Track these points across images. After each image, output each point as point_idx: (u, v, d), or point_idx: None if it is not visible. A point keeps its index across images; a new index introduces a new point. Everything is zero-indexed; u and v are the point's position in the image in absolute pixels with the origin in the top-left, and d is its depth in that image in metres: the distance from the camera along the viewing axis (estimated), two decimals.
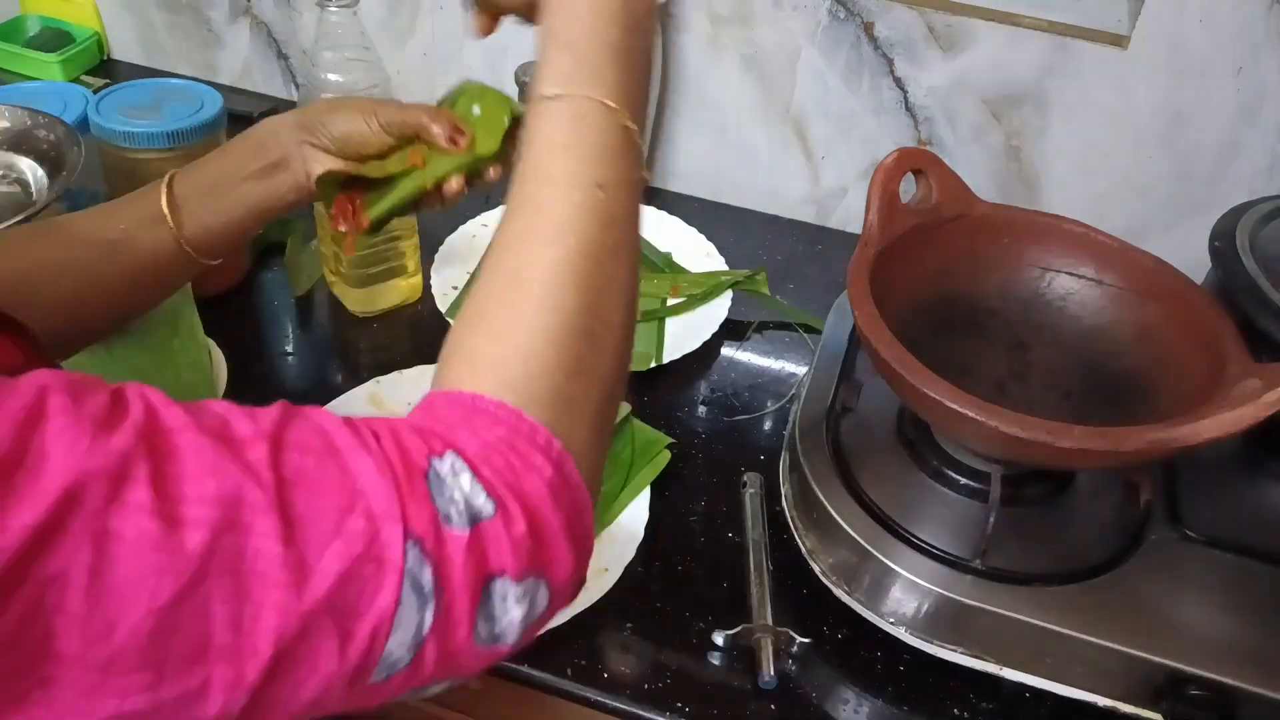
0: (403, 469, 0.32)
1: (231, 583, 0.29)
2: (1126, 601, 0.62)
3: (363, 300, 0.91)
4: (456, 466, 0.33)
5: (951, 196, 0.72)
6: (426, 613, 0.32)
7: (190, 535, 0.28)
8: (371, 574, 0.31)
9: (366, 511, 0.31)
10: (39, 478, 0.27)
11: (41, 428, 0.28)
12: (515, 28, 1.13)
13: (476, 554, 0.32)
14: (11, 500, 0.26)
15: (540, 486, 0.34)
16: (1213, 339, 0.63)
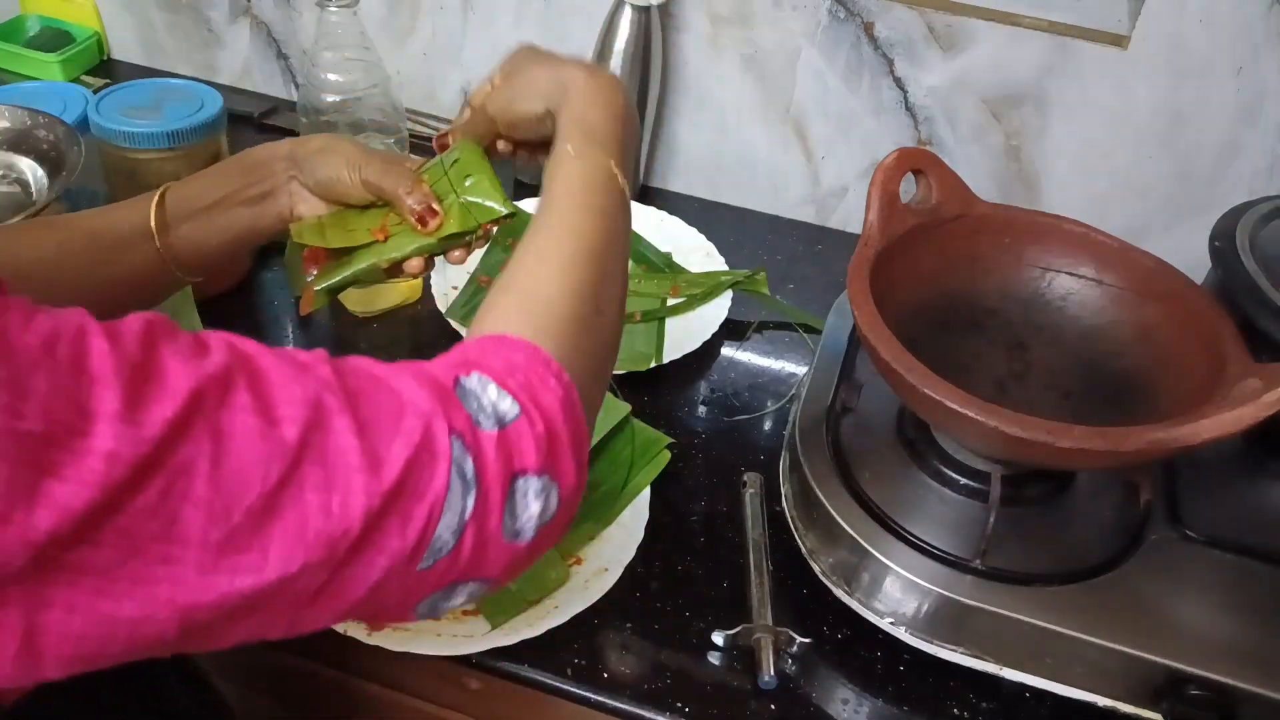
0: (435, 385, 0.38)
1: (322, 471, 0.34)
2: (1126, 601, 0.62)
3: (363, 300, 0.91)
4: (483, 381, 0.39)
5: (951, 196, 0.72)
6: (469, 499, 0.37)
7: (287, 430, 0.34)
8: (427, 462, 0.36)
9: (417, 412, 0.37)
10: (164, 384, 0.32)
11: (157, 349, 0.33)
12: (515, 28, 1.14)
13: (505, 450, 0.38)
14: (150, 398, 0.31)
15: (554, 401, 0.41)
16: (1213, 339, 0.63)
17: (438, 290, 0.94)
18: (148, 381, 0.32)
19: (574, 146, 0.52)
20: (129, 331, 0.33)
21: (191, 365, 0.33)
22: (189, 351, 0.34)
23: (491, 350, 0.41)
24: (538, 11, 1.07)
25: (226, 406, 0.33)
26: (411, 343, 0.91)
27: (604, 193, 0.51)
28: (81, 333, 0.32)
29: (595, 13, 1.02)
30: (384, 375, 0.38)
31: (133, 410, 0.31)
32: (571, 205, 0.50)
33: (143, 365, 0.32)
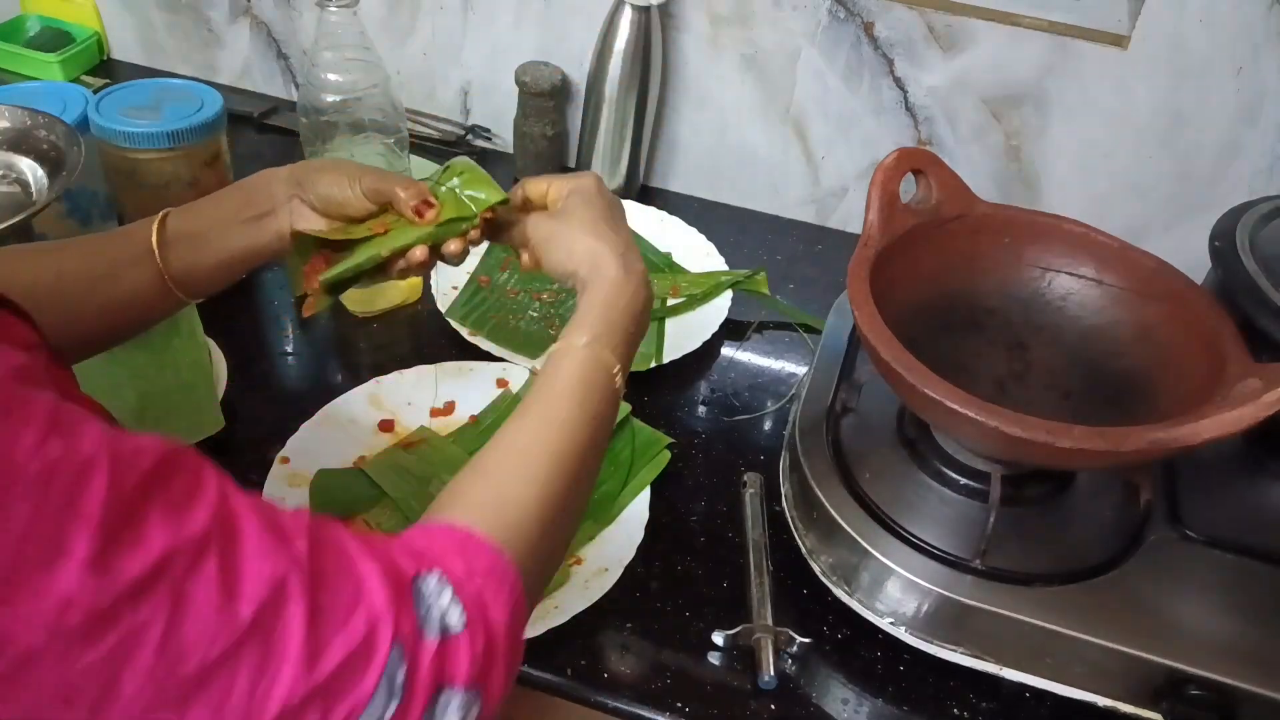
0: (396, 579, 0.39)
1: (260, 656, 0.34)
2: (1126, 601, 0.62)
3: (363, 300, 0.91)
4: (441, 584, 0.40)
5: (951, 196, 0.72)
6: (391, 706, 0.37)
7: (244, 607, 0.34)
8: (361, 665, 0.36)
9: (369, 609, 0.37)
10: (142, 539, 0.32)
11: (151, 497, 0.33)
12: (515, 28, 1.14)
13: (440, 661, 0.39)
14: (124, 551, 0.32)
15: (503, 614, 0.41)
16: (1213, 339, 0.63)
17: (438, 290, 0.94)
18: (127, 530, 0.32)
19: (586, 340, 0.52)
20: (137, 468, 0.33)
21: (174, 523, 0.33)
22: (178, 503, 0.34)
23: (457, 549, 0.42)
24: (538, 11, 1.07)
25: (194, 574, 0.33)
26: (411, 343, 0.91)
27: (601, 397, 0.51)
28: (87, 470, 0.32)
29: (595, 13, 1.02)
30: (354, 556, 0.38)
31: (104, 558, 0.31)
32: (567, 404, 0.50)
33: (128, 514, 0.32)
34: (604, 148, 1.07)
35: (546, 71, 1.07)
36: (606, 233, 0.57)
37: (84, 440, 0.33)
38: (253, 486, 0.73)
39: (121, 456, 0.33)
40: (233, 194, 0.61)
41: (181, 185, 0.84)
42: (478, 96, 1.16)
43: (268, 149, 1.15)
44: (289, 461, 0.75)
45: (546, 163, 1.12)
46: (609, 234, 0.57)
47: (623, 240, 0.57)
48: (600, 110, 1.04)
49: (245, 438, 0.78)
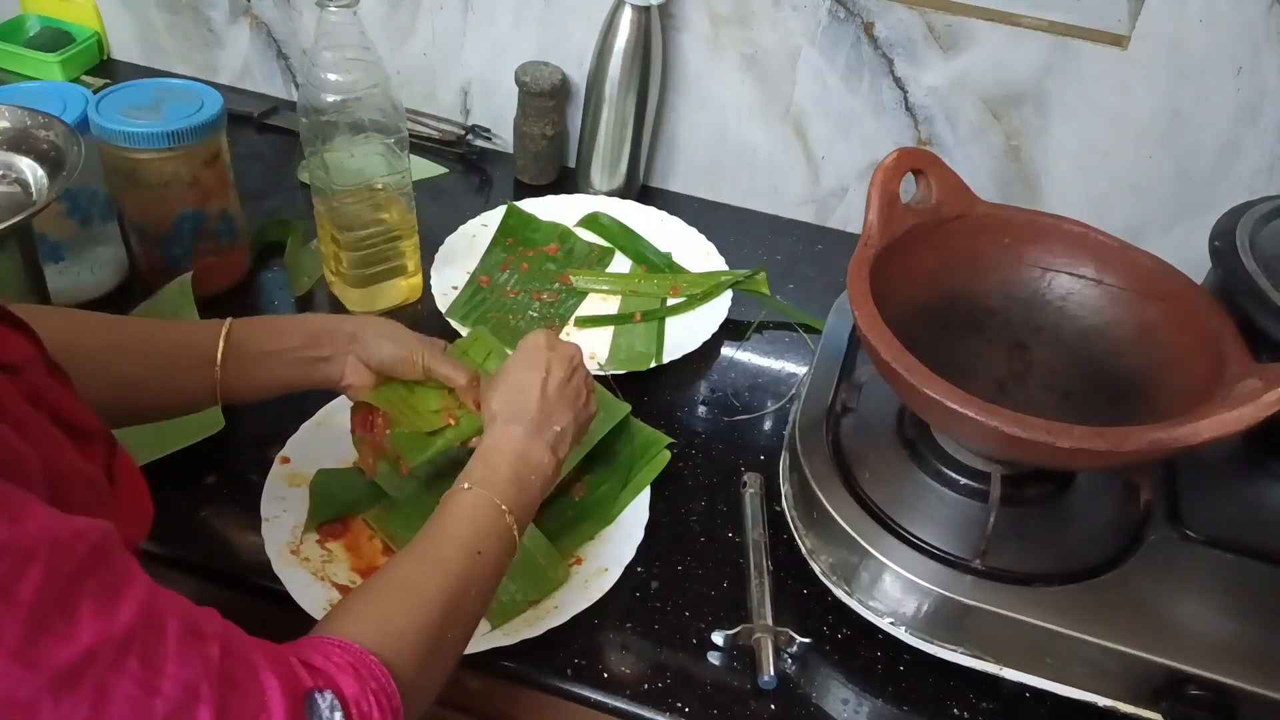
0: (293, 694, 0.41)
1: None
2: (1126, 601, 0.62)
3: (363, 300, 0.91)
4: (333, 704, 0.43)
5: (951, 196, 0.72)
6: None
7: (159, 705, 0.36)
8: None
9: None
10: (69, 635, 0.33)
11: (83, 585, 0.34)
12: (515, 28, 1.14)
13: None
14: (52, 643, 0.33)
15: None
16: (1213, 339, 0.63)
17: (438, 290, 0.94)
18: (59, 620, 0.33)
19: (468, 484, 0.57)
20: (74, 556, 0.34)
21: (103, 616, 0.35)
22: (108, 594, 0.35)
23: (351, 669, 0.45)
24: (538, 11, 1.07)
25: (117, 671, 0.35)
26: None
27: (488, 531, 0.56)
28: (26, 558, 0.33)
29: (595, 13, 1.02)
30: (258, 668, 0.41)
31: (32, 649, 0.32)
32: (450, 542, 0.54)
33: (61, 603, 0.33)
34: (604, 148, 1.07)
35: (546, 71, 1.07)
36: (506, 397, 0.62)
37: (27, 525, 0.33)
38: (252, 486, 0.73)
39: (61, 543, 0.34)
40: (296, 329, 0.66)
41: (181, 185, 0.84)
42: (478, 96, 1.16)
43: (268, 149, 1.15)
44: (289, 461, 0.75)
45: (546, 162, 1.12)
46: (509, 396, 0.62)
47: (522, 402, 0.62)
48: (600, 110, 1.04)
49: (245, 438, 0.78)
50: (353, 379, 0.66)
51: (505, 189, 1.14)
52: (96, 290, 0.90)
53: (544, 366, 0.64)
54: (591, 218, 1.06)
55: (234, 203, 0.90)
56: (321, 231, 0.90)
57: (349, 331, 0.66)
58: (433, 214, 1.04)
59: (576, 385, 0.65)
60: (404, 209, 0.88)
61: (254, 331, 0.64)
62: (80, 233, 0.86)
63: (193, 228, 0.87)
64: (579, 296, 0.97)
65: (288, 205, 1.07)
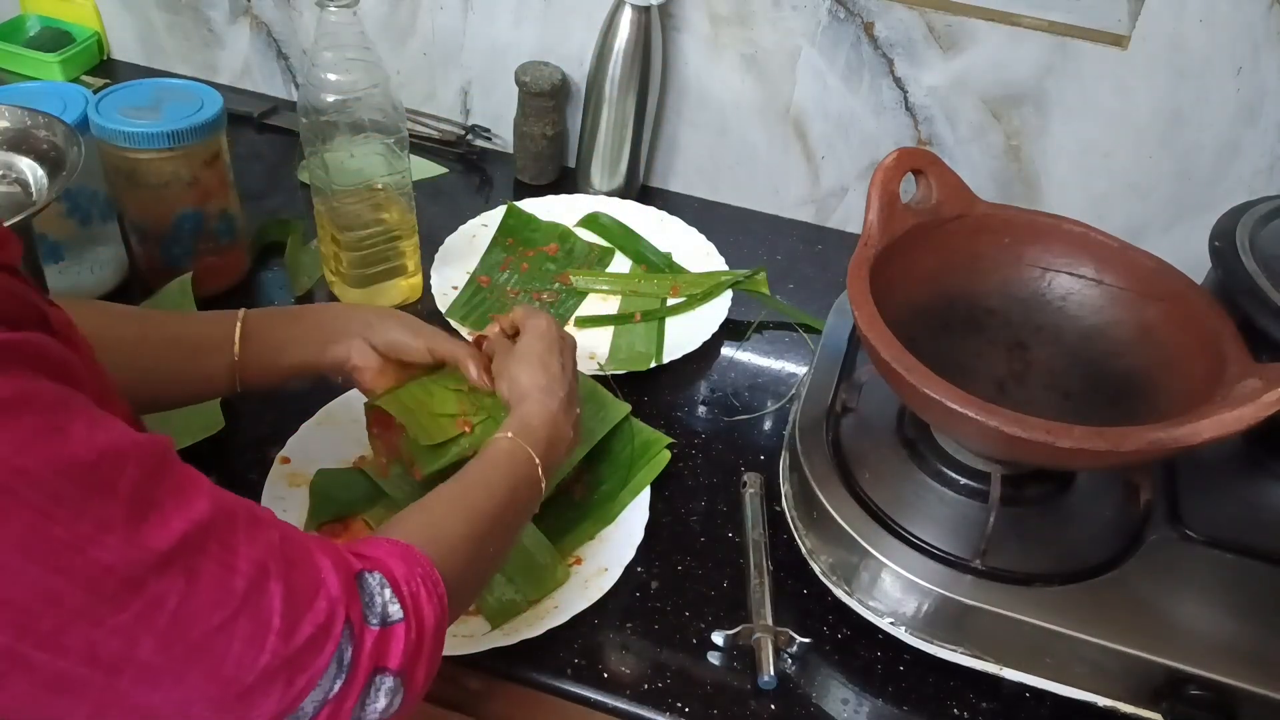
0: (346, 572, 0.45)
1: (252, 626, 0.40)
2: (1126, 601, 0.62)
3: (363, 300, 0.91)
4: (383, 581, 0.46)
5: (951, 196, 0.72)
6: (337, 681, 0.43)
7: (238, 582, 0.40)
8: (321, 642, 0.42)
9: (328, 595, 0.43)
10: (164, 519, 0.38)
11: (161, 482, 0.39)
12: (515, 28, 1.14)
13: (379, 648, 0.45)
14: (151, 531, 0.37)
15: (433, 615, 0.48)
16: (1213, 339, 0.63)
17: (438, 290, 0.94)
18: (153, 512, 0.37)
19: (510, 434, 0.62)
20: (155, 458, 0.39)
21: (183, 509, 0.39)
22: (183, 491, 0.40)
23: (399, 556, 0.49)
24: (538, 11, 1.07)
25: (202, 553, 0.39)
26: None
27: (522, 474, 0.61)
28: (121, 458, 0.37)
29: (595, 13, 1.02)
30: (313, 550, 0.44)
31: (136, 535, 0.36)
32: (493, 473, 0.60)
33: (151, 498, 0.38)
34: (604, 148, 1.07)
35: (546, 71, 1.07)
36: (537, 371, 0.67)
37: (116, 432, 0.38)
38: (253, 486, 0.73)
39: (144, 446, 0.38)
40: (307, 317, 0.71)
41: (181, 185, 0.84)
42: (478, 96, 1.16)
43: (268, 149, 1.15)
44: (289, 461, 0.75)
45: (546, 162, 1.12)
46: (538, 373, 0.67)
47: (550, 378, 0.67)
48: (600, 110, 1.04)
49: (245, 438, 0.78)
50: (358, 360, 0.69)
51: (505, 189, 1.14)
52: (96, 290, 0.90)
53: (560, 349, 0.69)
54: (591, 218, 1.06)
55: (234, 203, 0.90)
56: (321, 231, 0.90)
57: (359, 319, 0.70)
58: (433, 214, 1.04)
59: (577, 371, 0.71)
60: (404, 209, 0.88)
61: (268, 320, 0.68)
62: (80, 233, 0.86)
63: (193, 228, 0.87)
64: (579, 296, 0.97)
65: (288, 205, 1.07)
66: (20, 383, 0.35)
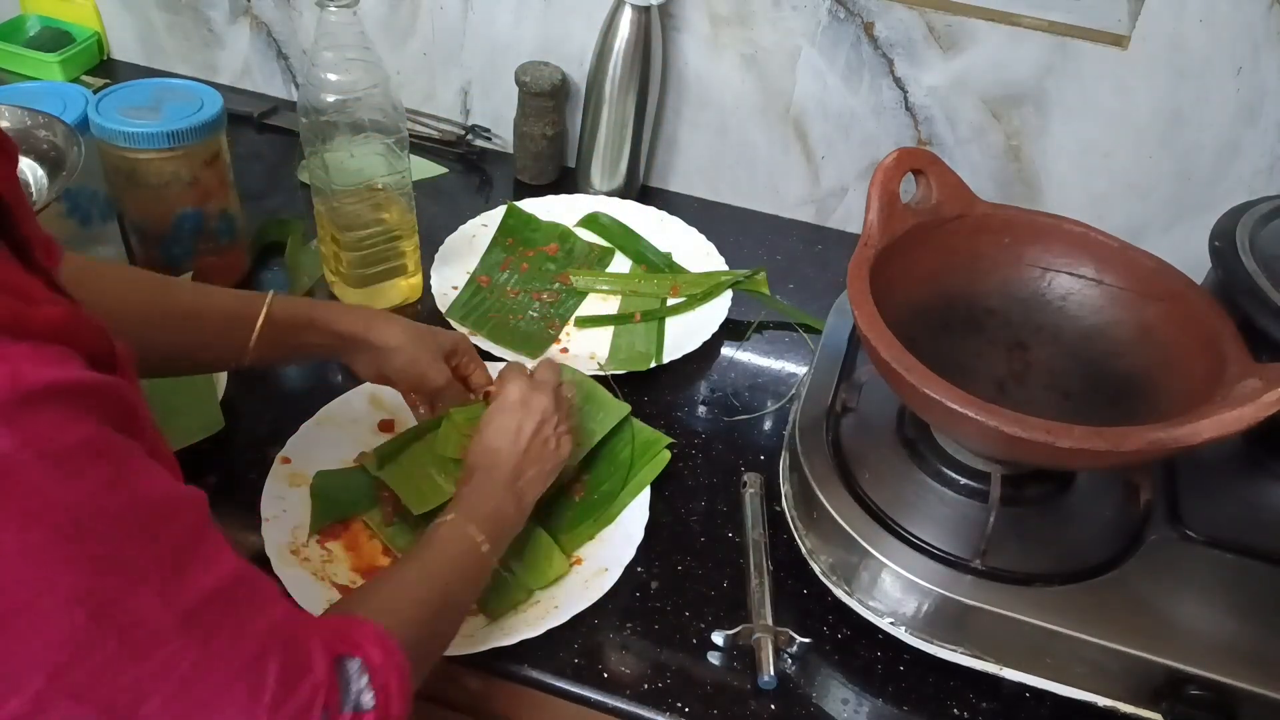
0: (331, 656, 0.46)
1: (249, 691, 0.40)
2: (1126, 601, 0.62)
3: (362, 300, 0.91)
4: (362, 668, 0.47)
5: (951, 196, 0.72)
6: None
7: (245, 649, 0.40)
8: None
9: (314, 679, 0.44)
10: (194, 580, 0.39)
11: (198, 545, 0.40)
12: (515, 28, 1.14)
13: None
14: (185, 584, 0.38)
15: (400, 707, 0.49)
16: (1213, 339, 0.63)
17: (438, 290, 0.94)
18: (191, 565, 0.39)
19: (452, 517, 0.62)
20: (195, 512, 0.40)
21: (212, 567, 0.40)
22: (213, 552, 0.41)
23: (379, 644, 0.49)
24: (538, 11, 1.07)
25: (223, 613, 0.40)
26: None
27: (463, 553, 0.61)
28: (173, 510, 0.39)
29: (595, 13, 1.02)
30: (309, 630, 0.46)
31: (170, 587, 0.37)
32: (442, 559, 0.60)
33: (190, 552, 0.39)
34: (604, 148, 1.07)
35: (546, 71, 1.07)
36: (486, 449, 0.68)
37: (166, 483, 0.39)
38: (252, 486, 0.73)
39: (190, 501, 0.40)
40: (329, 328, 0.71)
41: (181, 185, 0.84)
42: (478, 96, 1.16)
43: (268, 149, 1.15)
44: (289, 461, 0.75)
45: (546, 162, 1.12)
46: (487, 450, 0.67)
47: (497, 453, 0.67)
48: (600, 110, 1.04)
49: (245, 438, 0.78)
50: (364, 373, 0.74)
51: (505, 189, 1.14)
52: None
53: (515, 425, 0.68)
54: (591, 218, 1.06)
55: (234, 203, 0.90)
56: (321, 231, 0.90)
57: (375, 346, 0.71)
58: (433, 214, 1.04)
59: (545, 436, 0.69)
60: (404, 209, 0.88)
61: (291, 318, 0.69)
62: (80, 233, 0.86)
63: (193, 228, 0.87)
64: (579, 296, 0.97)
65: (288, 205, 1.07)
66: (97, 429, 0.36)
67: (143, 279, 0.67)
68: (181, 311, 0.66)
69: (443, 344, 0.74)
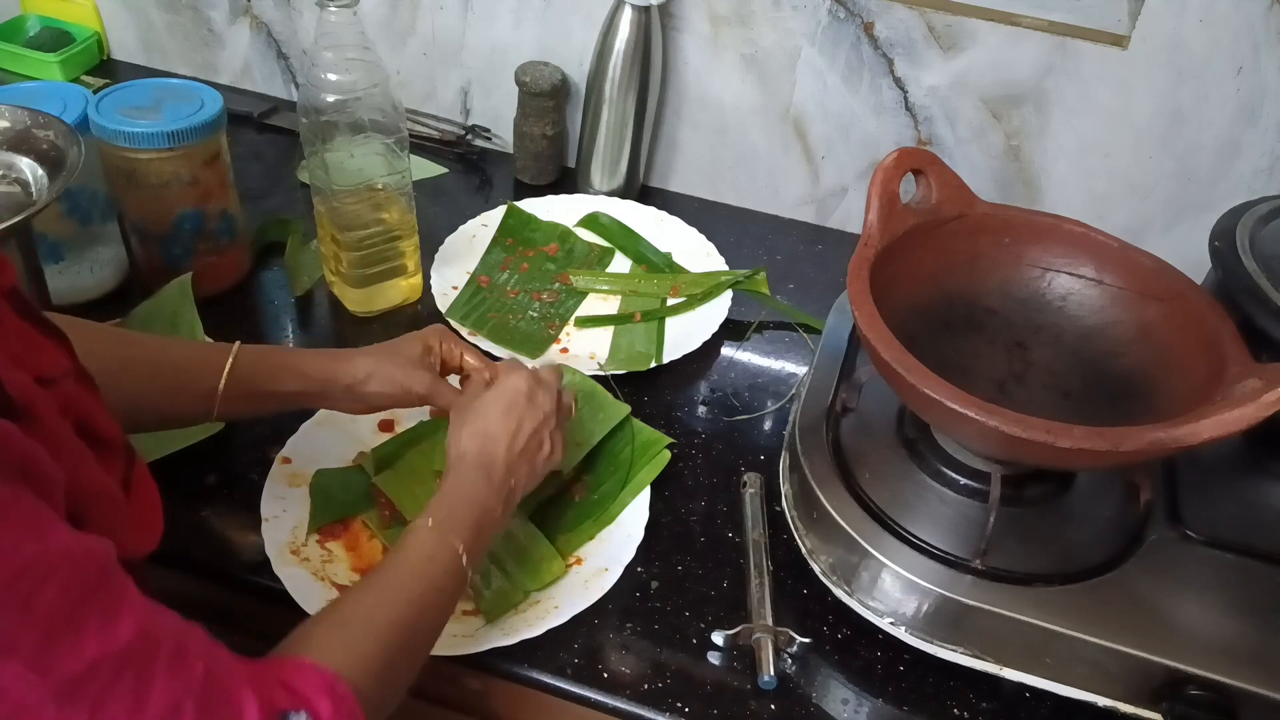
0: (268, 712, 0.43)
1: None
2: (1126, 601, 0.62)
3: (363, 300, 0.91)
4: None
5: (951, 196, 0.72)
6: None
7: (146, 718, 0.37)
8: None
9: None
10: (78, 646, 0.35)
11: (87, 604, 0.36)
12: (515, 28, 1.14)
13: None
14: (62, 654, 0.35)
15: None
16: (1213, 339, 0.63)
17: (438, 290, 0.94)
18: (68, 634, 0.35)
19: (432, 523, 0.58)
20: (86, 574, 0.37)
21: (104, 633, 0.36)
22: (109, 612, 0.37)
23: (326, 692, 0.46)
24: (538, 11, 1.07)
25: (113, 685, 0.36)
26: None
27: (442, 569, 0.57)
28: (48, 575, 0.35)
29: (595, 13, 1.02)
30: (239, 688, 0.42)
31: (43, 658, 0.34)
32: (409, 576, 0.56)
33: (70, 618, 0.35)
34: (604, 148, 1.07)
35: (546, 71, 1.07)
36: (479, 437, 0.64)
37: (50, 543, 0.35)
38: (252, 486, 0.73)
39: (76, 561, 0.36)
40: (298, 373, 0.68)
41: (181, 185, 0.84)
42: (478, 96, 1.16)
43: (268, 149, 1.15)
44: (290, 461, 0.75)
45: (546, 162, 1.12)
46: (481, 439, 0.64)
47: (492, 447, 0.63)
48: (600, 110, 1.04)
49: (245, 438, 0.78)
50: (352, 410, 0.71)
51: (505, 189, 1.14)
52: (96, 290, 0.90)
53: (517, 418, 0.65)
54: (591, 218, 1.06)
55: (234, 203, 0.90)
56: (321, 231, 0.90)
57: (345, 384, 0.68)
58: (433, 214, 1.04)
59: (541, 438, 0.66)
60: (404, 209, 0.88)
61: (258, 367, 0.66)
62: (80, 233, 0.86)
63: (193, 228, 0.87)
64: (579, 296, 0.97)
65: (288, 205, 1.07)
66: None
67: (102, 332, 0.65)
68: (142, 367, 0.64)
69: (413, 349, 0.71)
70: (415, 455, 0.76)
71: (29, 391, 0.41)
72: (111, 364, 0.60)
